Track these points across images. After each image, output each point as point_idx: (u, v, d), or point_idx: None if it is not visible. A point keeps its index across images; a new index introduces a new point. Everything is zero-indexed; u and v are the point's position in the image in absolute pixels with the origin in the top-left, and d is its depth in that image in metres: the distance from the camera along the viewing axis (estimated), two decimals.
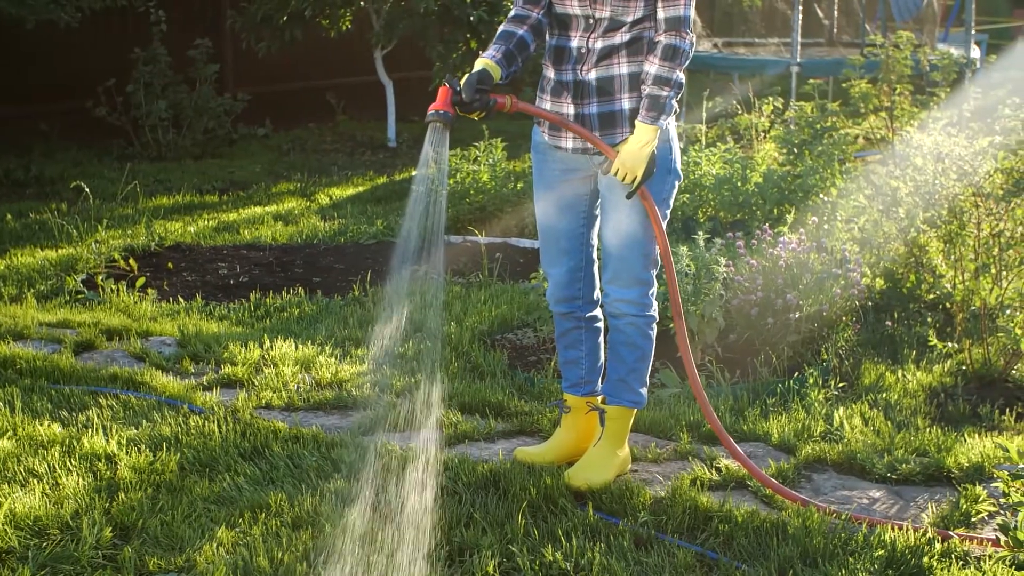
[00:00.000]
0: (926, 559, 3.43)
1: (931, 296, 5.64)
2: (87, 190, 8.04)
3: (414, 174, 9.27)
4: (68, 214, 7.99)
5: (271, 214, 8.38)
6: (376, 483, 3.78)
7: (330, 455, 4.06)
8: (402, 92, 11.86)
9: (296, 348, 5.23)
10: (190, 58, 10.86)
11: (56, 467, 3.92)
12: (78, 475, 3.87)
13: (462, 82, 3.62)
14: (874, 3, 15.11)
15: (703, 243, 5.34)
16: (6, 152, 10.08)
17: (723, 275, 5.17)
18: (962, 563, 3.45)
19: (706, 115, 9.34)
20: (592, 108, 3.78)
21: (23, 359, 4.96)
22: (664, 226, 3.81)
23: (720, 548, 3.53)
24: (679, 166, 3.90)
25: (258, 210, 8.57)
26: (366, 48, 11.60)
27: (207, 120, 10.90)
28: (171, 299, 6.18)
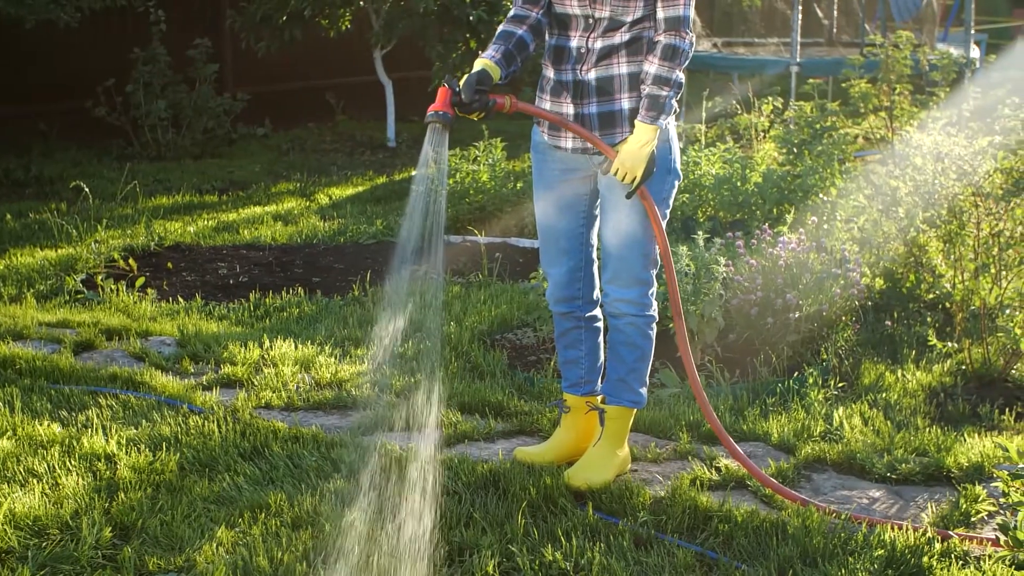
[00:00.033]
0: (926, 559, 3.43)
1: (931, 296, 5.64)
2: (87, 190, 8.04)
3: (414, 174, 9.27)
4: (68, 214, 7.99)
5: (271, 214, 8.38)
6: (376, 483, 3.78)
7: (330, 455, 4.06)
8: (401, 92, 11.86)
9: (296, 348, 5.23)
10: (189, 58, 10.86)
11: (56, 467, 3.92)
12: (78, 475, 3.87)
13: (461, 83, 3.62)
14: (873, 3, 15.11)
15: (703, 243, 5.34)
16: (6, 152, 10.08)
17: (723, 275, 5.17)
18: (962, 563, 3.45)
19: (706, 115, 9.34)
20: (592, 108, 3.78)
21: (23, 359, 4.96)
22: (664, 226, 3.81)
23: (720, 548, 3.53)
24: (679, 166, 3.90)
25: (258, 210, 8.57)
26: (365, 48, 11.60)
27: (206, 120, 10.90)
28: (171, 299, 6.18)
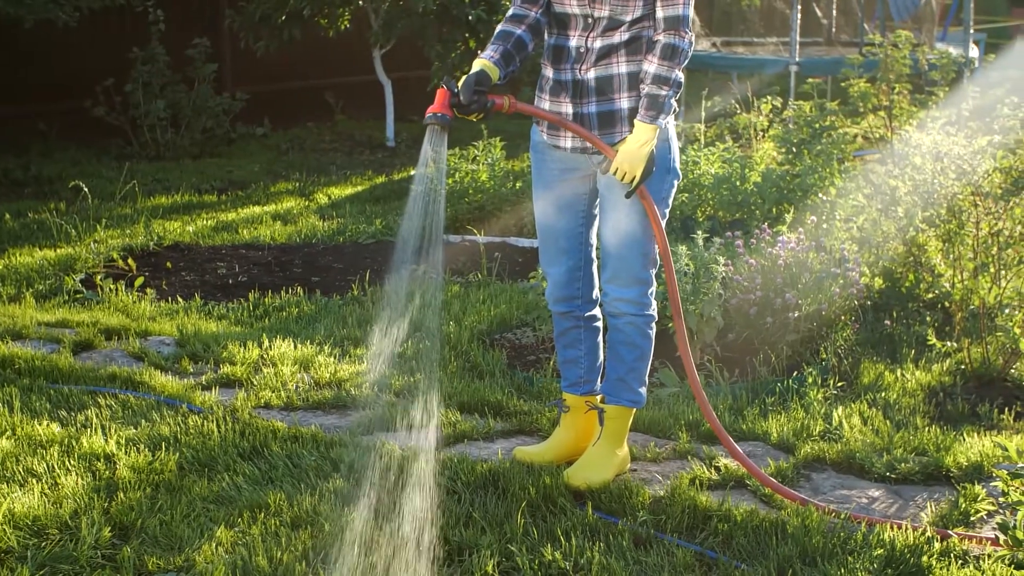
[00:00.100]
0: (925, 558, 3.43)
1: (930, 295, 5.64)
2: (86, 190, 8.03)
3: (413, 174, 9.26)
4: (67, 214, 7.98)
5: (270, 213, 8.38)
6: (375, 483, 3.78)
7: (329, 454, 4.06)
8: (401, 91, 11.86)
9: (295, 347, 5.23)
10: (188, 57, 10.86)
11: (55, 467, 3.92)
12: (77, 475, 3.87)
13: (459, 84, 3.62)
14: (872, 2, 15.11)
15: (702, 242, 5.34)
16: (4, 152, 10.08)
17: (722, 274, 5.17)
18: (961, 562, 3.45)
19: (705, 114, 9.34)
20: (591, 107, 3.78)
21: (22, 359, 4.96)
22: (663, 225, 3.81)
23: (719, 547, 3.53)
24: (678, 165, 3.90)
25: (257, 209, 8.57)
26: (365, 47, 11.60)
27: (205, 119, 10.90)
28: (170, 299, 6.18)
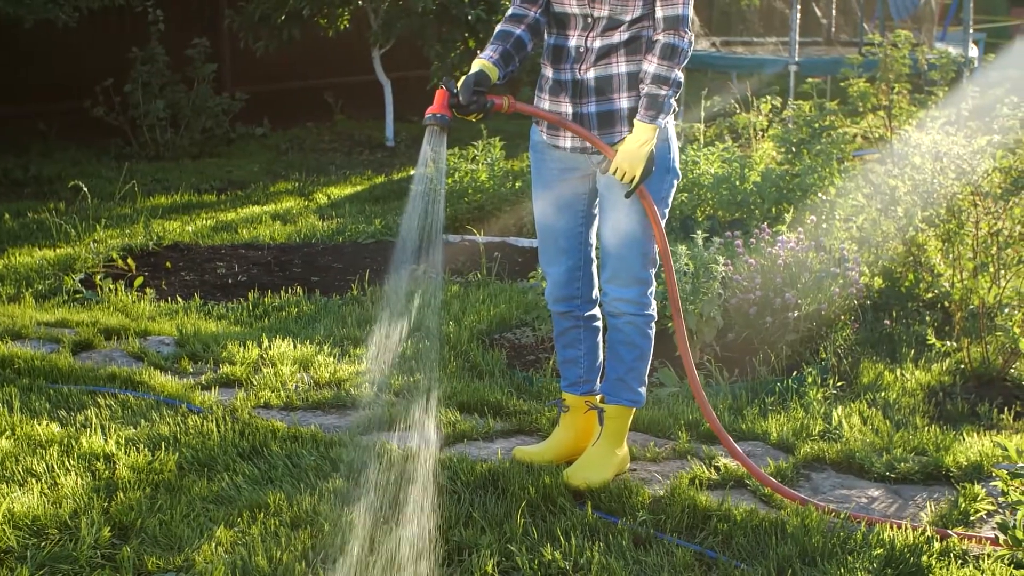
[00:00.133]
0: (925, 558, 3.43)
1: (929, 295, 5.64)
2: (85, 190, 8.03)
3: (412, 174, 9.26)
4: (66, 213, 7.98)
5: (269, 213, 8.38)
6: (374, 483, 3.78)
7: (329, 454, 4.06)
8: (400, 91, 11.86)
9: (294, 347, 5.23)
10: (188, 57, 10.86)
11: (54, 467, 3.92)
12: (76, 475, 3.86)
13: (459, 85, 3.62)
14: (872, 2, 15.11)
15: (701, 242, 5.34)
16: (4, 152, 10.08)
17: (722, 274, 5.17)
18: (961, 562, 3.45)
19: (704, 114, 9.34)
20: (590, 107, 3.78)
21: (21, 359, 4.96)
22: (663, 225, 3.81)
23: (719, 547, 3.53)
24: (678, 165, 3.90)
25: (256, 209, 8.57)
26: (364, 47, 11.59)
27: (205, 119, 10.90)
28: (169, 298, 6.18)
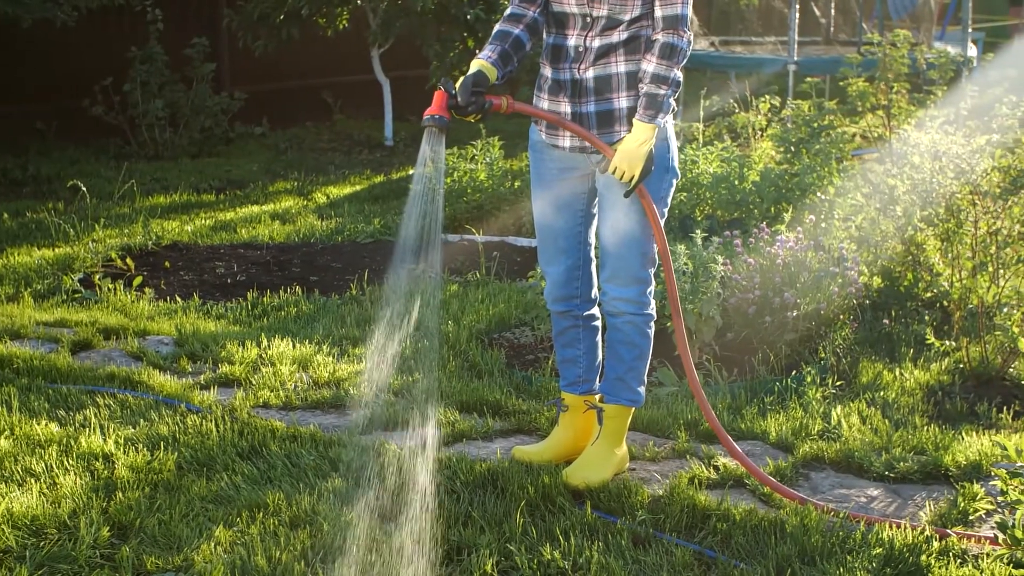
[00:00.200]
0: (924, 557, 3.43)
1: (928, 294, 5.64)
2: (84, 189, 8.03)
3: (411, 174, 9.26)
4: (65, 213, 7.98)
5: (268, 213, 8.37)
6: (374, 482, 3.78)
7: (328, 454, 4.06)
8: (399, 91, 11.86)
9: (293, 347, 5.22)
10: (187, 57, 10.85)
11: (53, 466, 3.91)
12: (75, 474, 3.86)
13: (457, 86, 3.62)
14: (871, 1, 15.12)
15: (701, 241, 5.34)
16: (3, 151, 10.07)
17: (721, 273, 5.17)
18: (960, 561, 3.45)
19: (703, 113, 9.34)
20: (590, 107, 3.78)
21: (20, 358, 4.95)
22: (662, 224, 3.81)
23: (718, 547, 3.53)
24: (677, 164, 3.90)
25: (255, 209, 8.57)
26: (363, 47, 11.59)
27: (204, 119, 10.89)
28: (168, 298, 6.18)
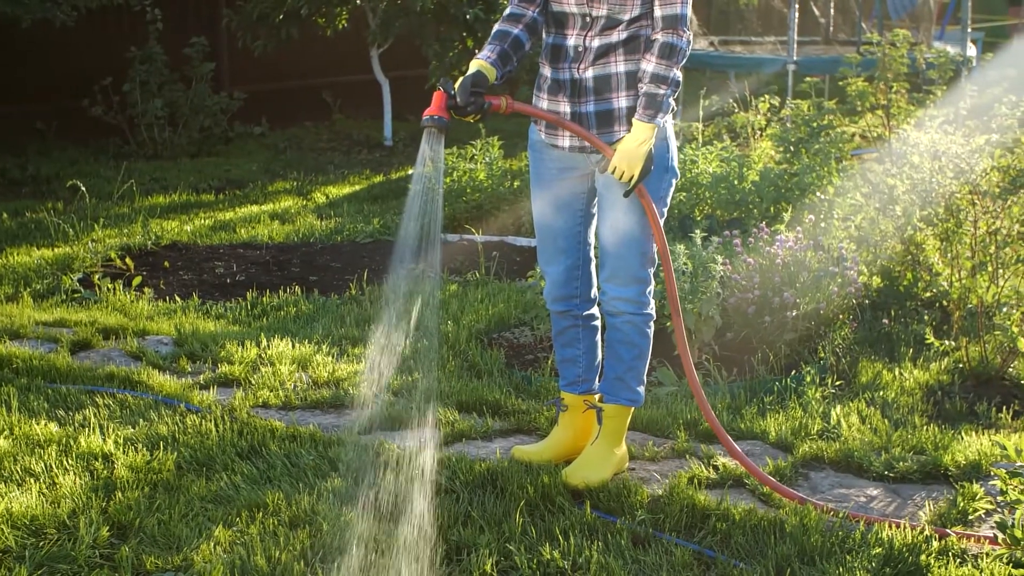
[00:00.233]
0: (924, 557, 3.43)
1: (928, 294, 5.64)
2: (83, 189, 8.03)
3: (411, 173, 9.25)
4: (64, 213, 7.98)
5: (267, 213, 8.37)
6: (373, 482, 3.78)
7: (327, 454, 4.06)
8: (398, 90, 11.85)
9: (293, 347, 5.22)
10: (186, 56, 10.85)
11: (53, 466, 3.91)
12: (75, 474, 3.86)
13: (456, 86, 3.62)
14: (870, 1, 15.12)
15: (700, 241, 5.34)
16: (2, 151, 10.06)
17: (720, 273, 5.17)
18: (959, 561, 3.45)
19: (703, 113, 9.34)
20: (589, 107, 3.78)
21: (19, 358, 4.95)
22: (661, 224, 3.80)
23: (718, 546, 3.53)
24: (676, 164, 3.90)
25: (254, 209, 8.56)
26: (362, 46, 11.59)
27: (203, 118, 10.89)
28: (168, 298, 6.17)
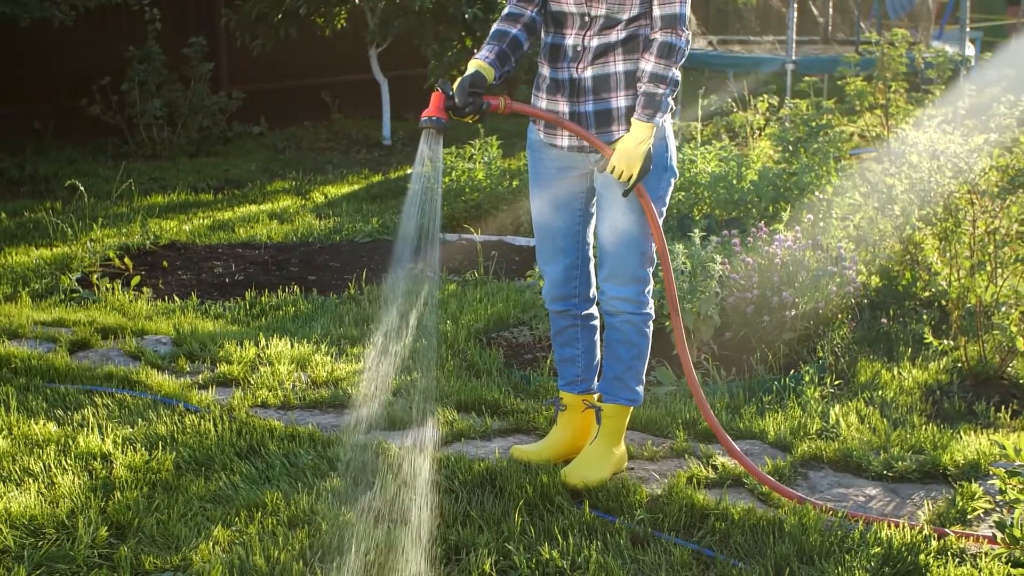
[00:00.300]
0: (922, 556, 3.43)
1: (927, 293, 5.64)
2: (82, 189, 8.02)
3: (409, 173, 9.25)
4: (63, 213, 7.98)
5: (266, 212, 8.37)
6: (372, 482, 3.78)
7: (326, 453, 4.06)
8: (397, 90, 11.86)
9: (292, 346, 5.22)
10: (185, 56, 10.85)
11: (52, 466, 3.91)
12: (74, 474, 3.86)
13: (454, 87, 3.62)
14: (869, 1, 15.12)
15: (699, 241, 5.34)
16: (0, 151, 10.06)
17: (719, 273, 5.17)
18: (958, 560, 3.45)
19: (701, 113, 9.34)
20: (588, 106, 3.78)
21: (18, 358, 4.95)
22: (660, 224, 3.80)
23: (717, 546, 3.53)
24: (675, 164, 3.90)
25: (253, 208, 8.56)
26: (361, 46, 11.59)
27: (202, 118, 10.89)
28: (166, 298, 6.17)
